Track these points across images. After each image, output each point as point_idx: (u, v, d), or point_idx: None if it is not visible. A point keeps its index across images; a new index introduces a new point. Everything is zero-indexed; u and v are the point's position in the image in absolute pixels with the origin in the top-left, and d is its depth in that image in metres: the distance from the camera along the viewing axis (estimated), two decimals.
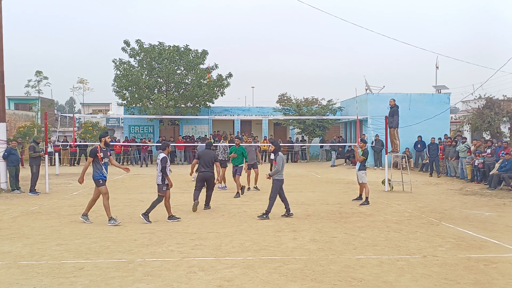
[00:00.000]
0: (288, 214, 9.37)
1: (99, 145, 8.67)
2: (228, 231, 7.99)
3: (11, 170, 13.41)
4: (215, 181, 11.35)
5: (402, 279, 5.36)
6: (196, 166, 10.54)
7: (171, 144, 15.95)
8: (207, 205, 10.36)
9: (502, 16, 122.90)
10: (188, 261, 6.11)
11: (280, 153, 9.31)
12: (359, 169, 11.16)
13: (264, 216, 9.06)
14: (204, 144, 11.25)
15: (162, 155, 8.86)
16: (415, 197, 12.31)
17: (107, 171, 8.75)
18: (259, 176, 13.83)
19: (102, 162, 8.57)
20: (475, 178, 15.96)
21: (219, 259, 6.21)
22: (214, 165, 10.76)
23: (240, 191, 12.61)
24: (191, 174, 12.43)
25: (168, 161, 8.92)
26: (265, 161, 24.38)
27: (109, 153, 8.95)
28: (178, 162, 25.62)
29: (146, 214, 8.77)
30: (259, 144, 15.17)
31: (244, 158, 13.00)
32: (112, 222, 8.51)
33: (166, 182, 8.80)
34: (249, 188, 13.64)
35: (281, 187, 9.25)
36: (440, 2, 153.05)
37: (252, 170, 13.75)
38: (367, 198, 10.96)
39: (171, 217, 8.93)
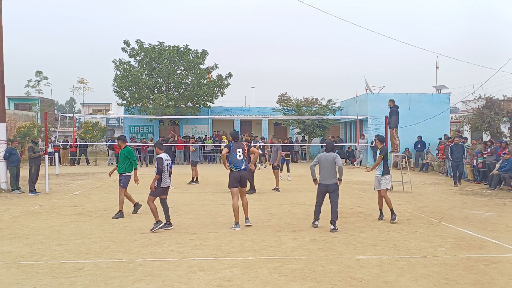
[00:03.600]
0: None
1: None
2: (228, 231, 7.98)
3: (12, 170, 13.41)
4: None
5: (402, 279, 5.36)
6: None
7: (171, 145, 16.07)
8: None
9: (502, 16, 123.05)
10: (188, 261, 6.11)
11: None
12: (383, 173, 9.00)
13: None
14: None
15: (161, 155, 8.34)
16: (415, 197, 12.30)
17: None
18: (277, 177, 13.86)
19: None
20: (475, 178, 15.98)
21: (219, 259, 6.21)
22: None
23: (123, 209, 9.42)
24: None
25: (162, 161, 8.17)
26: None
27: None
28: (178, 162, 25.62)
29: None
30: (280, 144, 14.74)
31: (132, 164, 9.63)
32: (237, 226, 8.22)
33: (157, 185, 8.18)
34: (277, 189, 13.57)
35: None
36: (440, 2, 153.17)
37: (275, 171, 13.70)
38: (392, 209, 8.90)
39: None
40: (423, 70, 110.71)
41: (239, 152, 8.36)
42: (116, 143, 25.35)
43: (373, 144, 21.41)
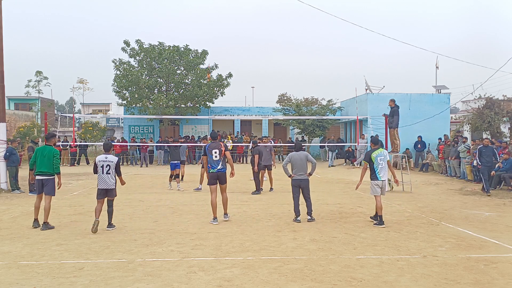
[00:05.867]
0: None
1: None
2: (228, 231, 7.98)
3: (12, 170, 13.41)
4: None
5: (402, 279, 5.36)
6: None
7: (171, 144, 16.06)
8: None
9: (502, 16, 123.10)
10: (188, 261, 6.11)
11: None
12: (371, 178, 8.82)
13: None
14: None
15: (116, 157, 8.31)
16: (415, 197, 12.30)
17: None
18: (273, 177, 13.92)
19: None
20: (475, 178, 15.97)
21: (219, 259, 6.20)
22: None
23: (41, 222, 8.24)
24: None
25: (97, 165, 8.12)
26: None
27: None
28: None
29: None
30: (272, 144, 14.62)
31: (52, 166, 8.41)
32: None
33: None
34: (261, 189, 13.33)
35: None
36: (440, 2, 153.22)
37: (266, 171, 13.66)
38: (377, 215, 8.67)
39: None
40: (423, 70, 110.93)
41: (215, 152, 8.63)
42: (116, 143, 25.46)
43: None
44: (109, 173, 8.08)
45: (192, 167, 21.92)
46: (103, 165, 8.08)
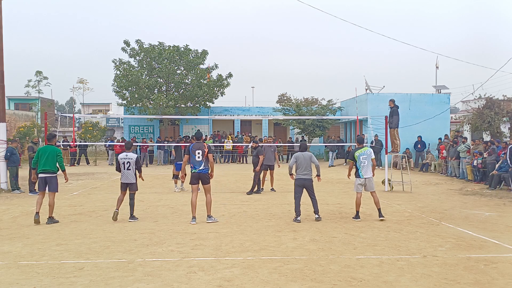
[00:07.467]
0: None
1: None
2: (228, 231, 7.98)
3: (13, 170, 13.40)
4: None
5: (402, 279, 5.36)
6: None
7: (171, 144, 16.06)
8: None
9: (502, 16, 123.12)
10: (188, 261, 6.11)
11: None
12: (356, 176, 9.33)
13: None
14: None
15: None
16: (415, 197, 12.30)
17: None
18: (274, 178, 13.90)
19: None
20: (475, 178, 15.97)
21: (219, 259, 6.20)
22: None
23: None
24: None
25: (119, 161, 9.08)
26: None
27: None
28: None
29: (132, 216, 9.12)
30: (275, 144, 14.52)
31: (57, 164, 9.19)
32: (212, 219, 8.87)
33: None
34: (262, 189, 13.29)
35: None
36: (441, 1, 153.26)
37: (268, 171, 13.63)
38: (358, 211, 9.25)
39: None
40: (423, 70, 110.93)
41: (198, 153, 8.70)
42: (116, 143, 25.44)
43: (373, 144, 21.54)
44: (130, 169, 8.98)
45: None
46: (124, 162, 9.00)
